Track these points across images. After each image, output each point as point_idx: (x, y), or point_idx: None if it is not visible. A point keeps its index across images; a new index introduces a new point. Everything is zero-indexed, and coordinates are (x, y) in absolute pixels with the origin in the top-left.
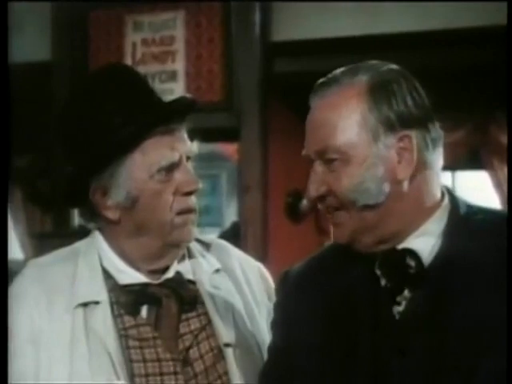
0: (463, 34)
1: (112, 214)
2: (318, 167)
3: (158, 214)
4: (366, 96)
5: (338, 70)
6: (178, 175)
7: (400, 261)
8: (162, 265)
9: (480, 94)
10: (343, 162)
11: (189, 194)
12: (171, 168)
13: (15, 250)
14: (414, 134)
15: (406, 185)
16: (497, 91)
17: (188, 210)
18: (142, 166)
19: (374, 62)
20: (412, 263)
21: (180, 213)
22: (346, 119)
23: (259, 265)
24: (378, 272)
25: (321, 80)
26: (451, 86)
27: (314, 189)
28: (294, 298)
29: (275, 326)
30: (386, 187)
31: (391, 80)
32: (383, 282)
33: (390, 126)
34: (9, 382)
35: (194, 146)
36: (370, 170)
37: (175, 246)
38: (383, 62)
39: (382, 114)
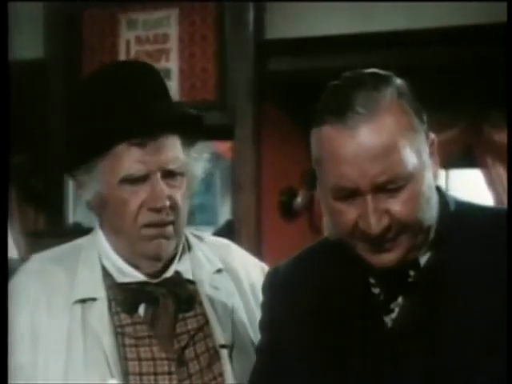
0: (457, 32)
1: (93, 210)
2: (372, 197)
3: (123, 222)
4: (407, 109)
5: (348, 84)
6: (145, 189)
7: (401, 272)
8: (149, 270)
9: (473, 93)
10: (405, 185)
11: (155, 210)
12: (136, 181)
13: (10, 249)
14: (434, 137)
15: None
16: (490, 90)
17: (157, 224)
18: (111, 171)
19: (369, 71)
20: (412, 273)
21: (148, 225)
22: (404, 139)
23: (263, 265)
24: (372, 280)
25: (335, 97)
26: (445, 85)
27: (376, 221)
28: (281, 298)
29: (263, 326)
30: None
31: (408, 88)
32: (376, 290)
33: (426, 133)
34: (9, 377)
35: (178, 156)
36: (429, 184)
37: (149, 259)
38: (388, 63)
39: (422, 123)
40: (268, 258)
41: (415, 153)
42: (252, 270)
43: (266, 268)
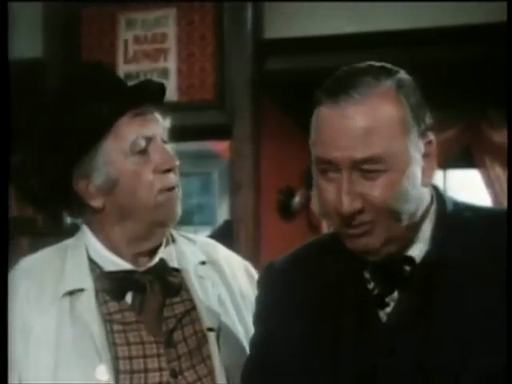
0: (455, 32)
1: (96, 202)
2: (348, 175)
3: (139, 194)
4: (403, 102)
5: (352, 71)
6: (154, 155)
7: (396, 267)
8: (149, 247)
9: (472, 93)
10: (383, 172)
11: (168, 171)
12: (146, 147)
13: None
14: (433, 139)
15: (425, 190)
16: (489, 89)
17: (169, 188)
18: (117, 148)
19: (380, 64)
20: (407, 268)
21: (162, 190)
22: (390, 129)
23: (247, 263)
24: (367, 275)
25: (335, 81)
26: (443, 84)
27: (349, 202)
28: (276, 293)
29: (257, 320)
30: (421, 193)
31: (412, 85)
32: (371, 285)
33: (422, 132)
34: (9, 376)
35: (166, 123)
36: (412, 178)
37: (161, 226)
38: (386, 63)
39: (416, 119)
40: (266, 257)
41: (400, 144)
42: (235, 266)
43: (250, 266)
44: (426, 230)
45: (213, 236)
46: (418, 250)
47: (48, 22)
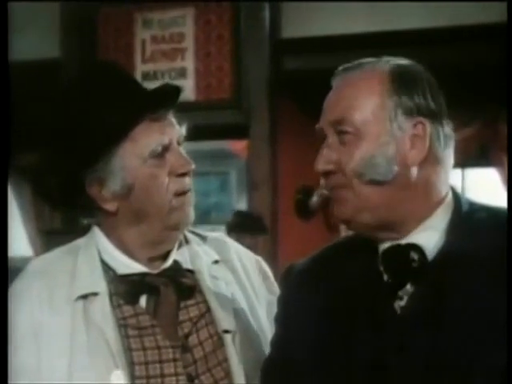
0: (474, 31)
1: (110, 206)
2: (330, 140)
3: (155, 197)
4: (388, 81)
5: (363, 60)
6: (170, 158)
7: (404, 255)
8: (163, 250)
9: (489, 92)
10: (356, 138)
11: (183, 175)
12: (162, 152)
13: (25, 247)
14: (428, 123)
15: (414, 172)
16: (506, 88)
17: (184, 192)
18: (134, 154)
19: (396, 57)
20: (415, 257)
21: (176, 194)
22: (366, 98)
23: (258, 258)
24: (381, 267)
25: (343, 66)
26: (461, 84)
27: (323, 162)
28: (296, 293)
29: (277, 320)
30: (395, 168)
31: (413, 72)
32: (386, 277)
33: (408, 112)
34: (9, 376)
35: (182, 130)
36: (382, 147)
37: (174, 229)
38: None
39: (401, 100)
40: (284, 256)
41: (376, 119)
42: (247, 261)
43: (261, 261)
44: (436, 222)
45: (228, 228)
46: (432, 241)
47: (65, 23)
